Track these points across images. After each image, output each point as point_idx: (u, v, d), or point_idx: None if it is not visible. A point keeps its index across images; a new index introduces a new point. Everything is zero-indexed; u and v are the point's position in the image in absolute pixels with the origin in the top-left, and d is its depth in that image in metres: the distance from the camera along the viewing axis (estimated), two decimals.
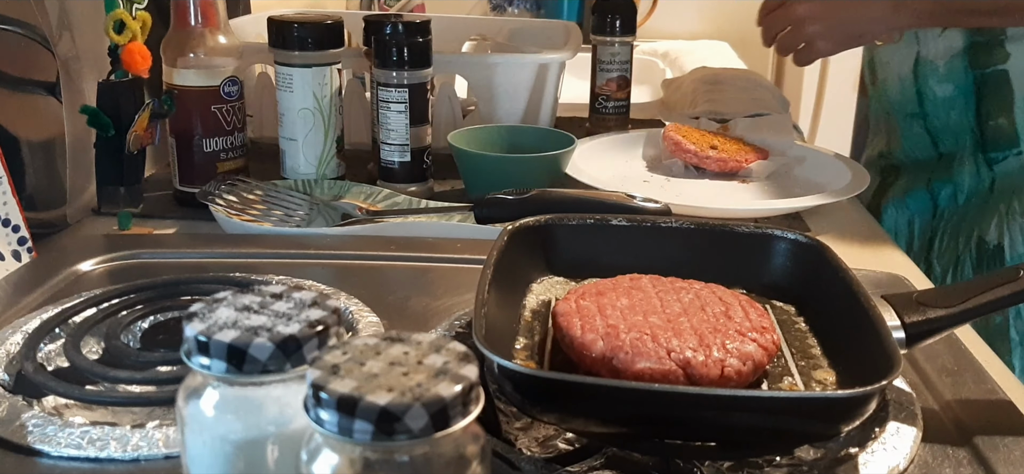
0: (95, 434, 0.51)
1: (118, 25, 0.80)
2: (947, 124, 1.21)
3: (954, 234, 1.21)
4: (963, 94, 1.18)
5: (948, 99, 1.20)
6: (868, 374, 0.49)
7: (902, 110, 1.26)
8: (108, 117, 0.81)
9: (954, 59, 1.17)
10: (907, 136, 1.27)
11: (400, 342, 0.36)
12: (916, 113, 1.24)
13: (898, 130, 1.29)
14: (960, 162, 1.21)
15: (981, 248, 1.17)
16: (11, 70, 0.84)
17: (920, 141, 1.26)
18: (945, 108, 1.21)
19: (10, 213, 0.75)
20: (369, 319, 0.66)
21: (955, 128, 1.20)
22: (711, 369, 0.51)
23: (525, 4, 1.98)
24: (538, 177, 0.92)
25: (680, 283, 0.60)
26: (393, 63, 0.93)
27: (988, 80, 1.16)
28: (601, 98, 1.25)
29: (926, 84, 1.21)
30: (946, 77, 1.19)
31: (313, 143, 0.95)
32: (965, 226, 1.19)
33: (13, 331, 0.62)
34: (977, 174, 1.19)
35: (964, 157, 1.20)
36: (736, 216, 0.94)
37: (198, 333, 0.37)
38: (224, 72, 0.91)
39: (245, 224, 0.85)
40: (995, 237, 1.15)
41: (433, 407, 0.33)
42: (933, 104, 1.22)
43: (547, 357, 0.57)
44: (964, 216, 1.20)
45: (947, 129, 1.21)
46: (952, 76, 1.18)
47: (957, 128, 1.20)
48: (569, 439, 0.52)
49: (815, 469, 0.50)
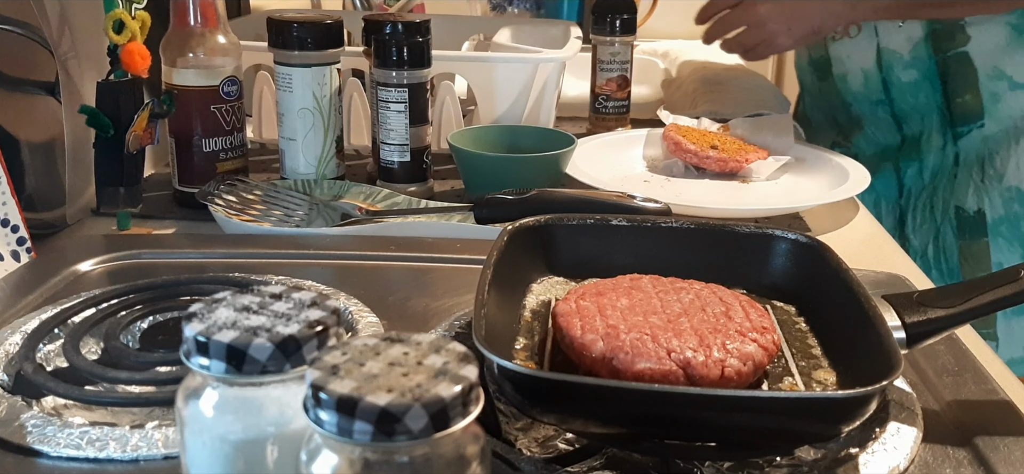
0: (94, 434, 0.51)
1: (117, 25, 0.80)
2: (914, 107, 1.31)
3: (928, 208, 1.30)
4: (928, 78, 1.28)
5: (913, 84, 1.29)
6: (869, 374, 0.49)
7: (866, 99, 1.36)
8: (107, 117, 0.81)
9: (917, 46, 1.27)
10: (871, 123, 1.37)
11: (400, 343, 0.36)
12: (881, 100, 1.34)
13: (861, 119, 1.38)
14: (927, 140, 1.31)
15: (960, 216, 1.26)
16: (11, 70, 0.84)
17: (885, 126, 1.36)
18: (911, 92, 1.30)
19: (9, 213, 0.75)
20: (369, 319, 0.66)
21: (922, 110, 1.30)
22: (711, 369, 0.51)
23: (525, 4, 1.98)
24: (538, 177, 0.92)
25: (680, 283, 0.60)
26: (393, 63, 0.93)
27: (951, 62, 1.26)
28: (601, 98, 1.25)
29: (891, 72, 1.31)
30: (911, 64, 1.28)
31: (312, 143, 0.95)
32: (938, 199, 1.29)
33: (12, 331, 0.62)
34: (943, 150, 1.29)
35: (930, 135, 1.30)
36: (736, 216, 0.94)
37: (197, 333, 0.37)
38: (223, 72, 0.91)
39: (244, 224, 0.85)
40: (974, 204, 1.25)
41: (433, 408, 0.32)
42: (899, 90, 1.31)
43: (547, 358, 0.57)
44: (934, 190, 1.30)
45: (914, 112, 1.31)
46: (916, 62, 1.28)
47: (924, 109, 1.30)
48: (569, 439, 0.52)
49: (815, 469, 0.50)
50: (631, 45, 1.24)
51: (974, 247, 1.26)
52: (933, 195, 1.30)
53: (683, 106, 1.37)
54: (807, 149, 1.14)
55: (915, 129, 1.32)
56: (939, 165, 1.30)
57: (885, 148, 1.36)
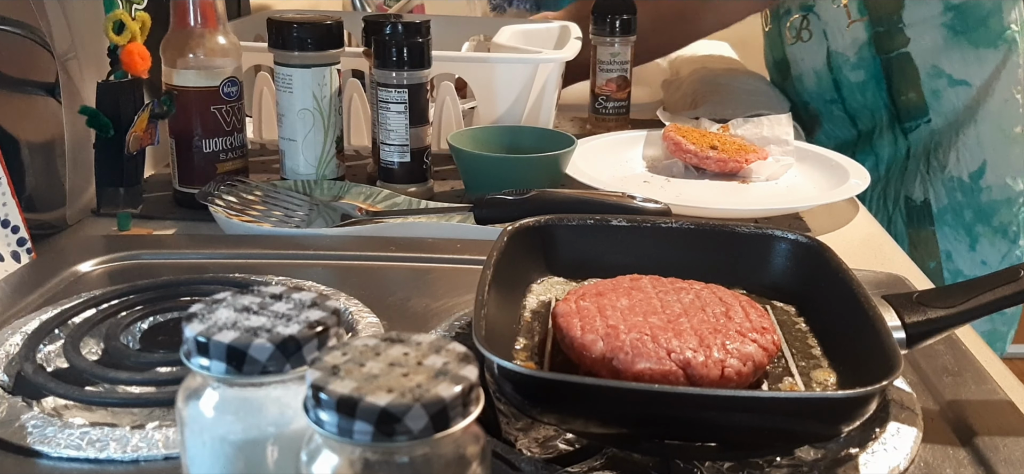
0: (95, 435, 0.51)
1: (117, 26, 0.80)
2: (864, 105, 1.41)
3: (881, 198, 1.42)
4: (874, 77, 1.39)
5: (861, 83, 1.40)
6: (869, 374, 0.49)
7: (821, 98, 1.47)
8: (107, 118, 0.81)
9: (862, 49, 1.38)
10: (828, 119, 1.47)
11: (400, 343, 0.36)
12: (834, 99, 1.45)
13: (819, 116, 1.49)
14: (879, 135, 1.42)
15: (909, 206, 1.38)
16: (11, 70, 0.84)
17: (840, 122, 1.46)
18: (860, 91, 1.41)
19: (9, 214, 0.75)
20: (369, 320, 0.66)
21: (871, 107, 1.41)
22: (711, 370, 0.51)
23: (525, 4, 1.98)
24: (538, 177, 0.92)
25: (680, 283, 0.60)
26: (393, 63, 0.93)
27: (893, 63, 1.37)
28: (601, 98, 1.25)
29: (841, 73, 1.41)
30: (858, 65, 1.39)
31: (313, 144, 0.95)
32: (891, 190, 1.40)
33: (12, 332, 0.62)
34: (894, 144, 1.41)
35: (882, 130, 1.41)
36: (736, 216, 0.94)
37: (198, 334, 0.37)
38: (223, 73, 0.91)
39: (245, 225, 0.85)
40: (920, 194, 1.37)
41: (433, 408, 0.32)
42: (849, 89, 1.42)
43: (547, 358, 0.57)
44: (888, 181, 1.41)
45: (864, 109, 1.42)
46: (862, 63, 1.39)
47: (872, 106, 1.41)
48: (569, 440, 0.52)
49: (815, 469, 0.50)
50: (631, 45, 1.24)
51: (922, 235, 1.37)
52: (887, 186, 1.41)
53: (683, 106, 1.37)
54: (807, 149, 1.14)
55: (867, 125, 1.43)
56: (892, 158, 1.41)
57: (843, 142, 1.46)
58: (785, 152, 1.11)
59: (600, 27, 1.23)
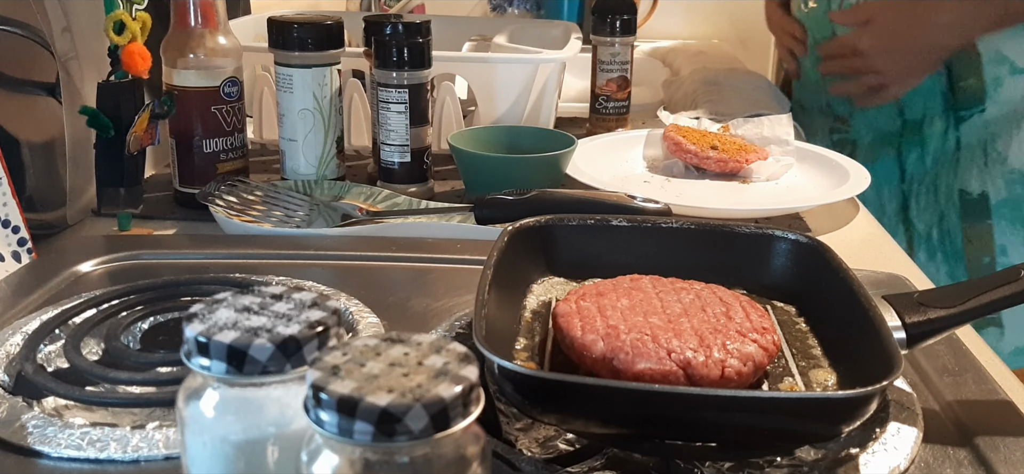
0: (95, 435, 0.51)
1: (118, 26, 0.80)
2: (917, 90, 1.34)
3: (931, 192, 1.35)
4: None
5: None
6: (869, 374, 0.49)
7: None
8: (108, 118, 0.81)
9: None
10: (871, 109, 1.40)
11: (400, 343, 0.36)
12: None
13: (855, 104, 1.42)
14: (929, 124, 1.35)
15: (964, 199, 1.31)
16: (11, 71, 0.84)
17: (886, 110, 1.39)
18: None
19: (10, 214, 0.75)
20: (369, 320, 0.66)
21: (924, 93, 1.33)
22: (711, 370, 0.51)
23: (525, 4, 1.98)
24: (538, 177, 0.92)
25: (680, 284, 0.60)
26: (393, 63, 0.93)
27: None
28: (601, 98, 1.25)
29: None
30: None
31: (313, 144, 0.95)
32: (941, 183, 1.34)
33: (13, 332, 0.62)
34: (944, 135, 1.33)
35: (933, 119, 1.34)
36: (736, 216, 0.94)
37: (198, 334, 0.37)
38: (224, 73, 0.91)
39: (245, 225, 0.85)
40: (978, 187, 1.30)
41: (433, 408, 0.33)
42: None
43: (547, 358, 0.57)
44: (937, 174, 1.34)
45: (916, 95, 1.34)
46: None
47: (926, 93, 1.33)
48: (569, 440, 0.52)
49: (816, 469, 0.50)
50: (631, 45, 1.24)
51: (978, 229, 1.31)
52: (936, 179, 1.34)
53: (683, 106, 1.37)
54: (807, 149, 1.14)
55: (917, 113, 1.36)
56: (940, 149, 1.34)
57: (886, 133, 1.39)
58: (785, 152, 1.11)
59: (600, 27, 1.23)
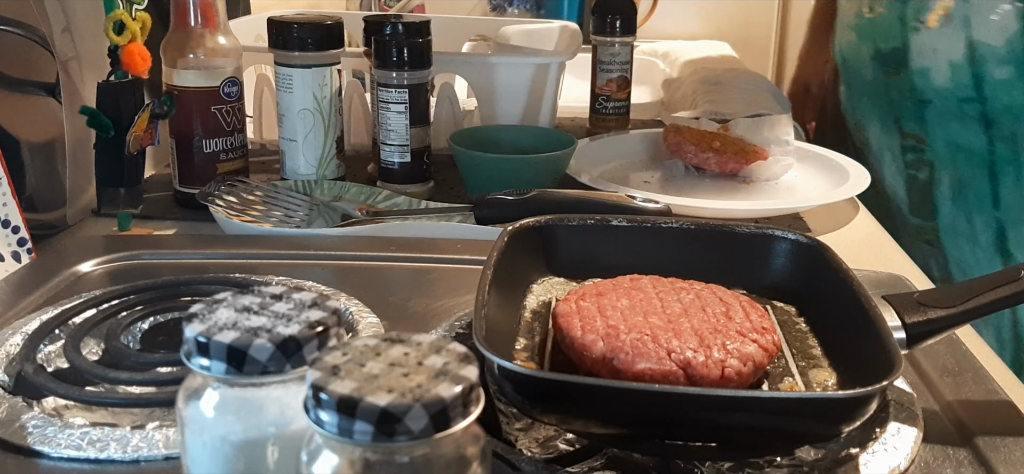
0: (95, 435, 0.51)
1: (118, 26, 0.80)
2: (1008, 106, 1.20)
3: None
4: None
5: (1008, 81, 1.19)
6: (869, 375, 0.49)
7: (952, 96, 1.23)
8: (108, 118, 0.81)
9: (1014, 39, 1.17)
10: (954, 124, 1.24)
11: (400, 343, 0.36)
12: (971, 98, 1.22)
13: (941, 119, 1.26)
14: (1022, 145, 1.20)
15: None
16: (11, 71, 0.84)
17: (971, 126, 1.23)
18: (1006, 91, 1.19)
19: (10, 214, 0.75)
20: (369, 320, 0.66)
21: (1018, 110, 1.19)
22: (711, 370, 0.51)
23: (525, 4, 1.98)
24: (538, 178, 0.92)
25: (680, 284, 0.60)
26: (393, 63, 0.93)
27: None
28: (601, 98, 1.25)
29: (984, 67, 1.19)
30: (1007, 58, 1.18)
31: (313, 144, 0.95)
32: None
33: (13, 332, 0.62)
34: None
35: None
36: (736, 216, 0.94)
37: (198, 334, 0.37)
38: (224, 73, 0.91)
39: (245, 225, 0.85)
40: None
41: (433, 408, 0.33)
42: (992, 87, 1.20)
43: (547, 358, 0.57)
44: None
45: (1007, 112, 1.20)
46: (1013, 57, 1.17)
47: (1020, 110, 1.19)
48: (569, 440, 0.52)
49: (816, 470, 0.50)
50: (631, 45, 1.24)
51: None
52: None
53: (683, 106, 1.37)
54: (807, 149, 1.14)
55: (1007, 131, 1.22)
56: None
57: (970, 152, 1.25)
58: (785, 152, 1.11)
59: (600, 27, 1.23)
